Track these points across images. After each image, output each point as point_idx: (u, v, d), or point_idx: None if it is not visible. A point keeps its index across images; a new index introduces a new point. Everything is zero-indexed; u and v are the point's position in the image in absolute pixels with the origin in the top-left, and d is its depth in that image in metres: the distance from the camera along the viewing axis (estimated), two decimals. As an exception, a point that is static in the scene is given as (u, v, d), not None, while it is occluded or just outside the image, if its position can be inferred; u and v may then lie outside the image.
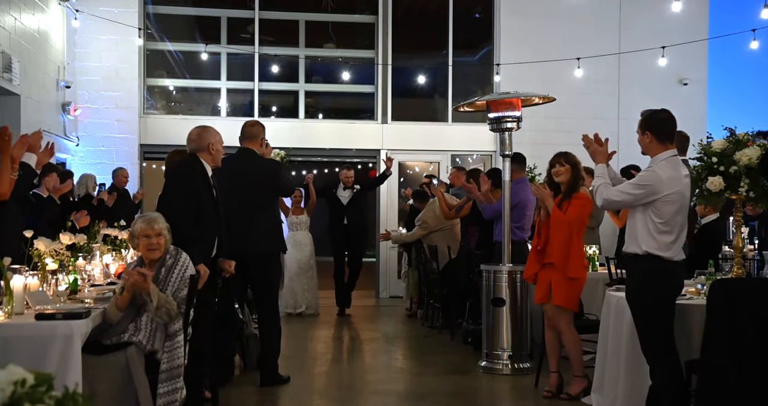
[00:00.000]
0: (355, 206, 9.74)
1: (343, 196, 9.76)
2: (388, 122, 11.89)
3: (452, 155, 12.09)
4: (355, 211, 9.79)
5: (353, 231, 9.74)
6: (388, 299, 11.07)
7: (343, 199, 9.76)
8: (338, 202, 9.79)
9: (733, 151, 4.32)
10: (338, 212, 9.78)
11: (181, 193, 4.65)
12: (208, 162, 4.82)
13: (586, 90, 11.24)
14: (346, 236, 9.74)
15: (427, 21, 12.83)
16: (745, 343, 3.76)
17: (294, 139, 11.85)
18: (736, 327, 3.78)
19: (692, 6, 10.86)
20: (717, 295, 3.87)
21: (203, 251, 4.63)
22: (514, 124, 6.36)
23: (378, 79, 12.01)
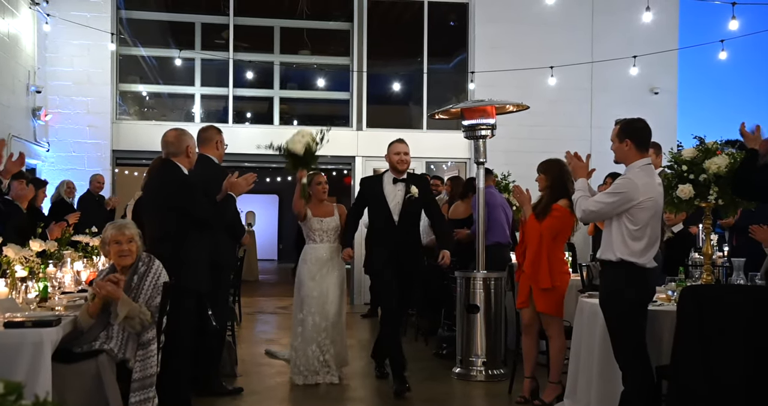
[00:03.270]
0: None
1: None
2: (363, 129, 11.90)
3: (427, 162, 12.12)
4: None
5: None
6: (363, 305, 11.05)
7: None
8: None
9: (703, 160, 4.39)
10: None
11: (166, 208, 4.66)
12: (185, 165, 4.78)
13: (560, 98, 11.35)
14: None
15: (402, 28, 12.88)
16: (714, 348, 3.81)
17: (268, 145, 11.80)
18: (706, 333, 3.83)
19: (662, 16, 11.03)
20: (687, 301, 3.92)
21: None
22: (488, 131, 6.40)
23: (353, 86, 12.03)
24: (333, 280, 6.02)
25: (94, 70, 11.13)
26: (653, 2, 9.23)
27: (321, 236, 6.09)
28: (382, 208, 5.90)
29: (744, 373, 3.79)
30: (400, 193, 5.91)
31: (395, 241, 5.86)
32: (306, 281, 5.99)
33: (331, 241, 6.09)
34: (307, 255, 6.10)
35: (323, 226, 6.08)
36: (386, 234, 5.89)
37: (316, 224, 6.08)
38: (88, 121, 11.10)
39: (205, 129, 5.68)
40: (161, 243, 4.58)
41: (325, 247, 6.07)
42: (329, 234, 6.09)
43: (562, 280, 5.29)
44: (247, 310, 9.98)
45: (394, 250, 5.83)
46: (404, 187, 5.92)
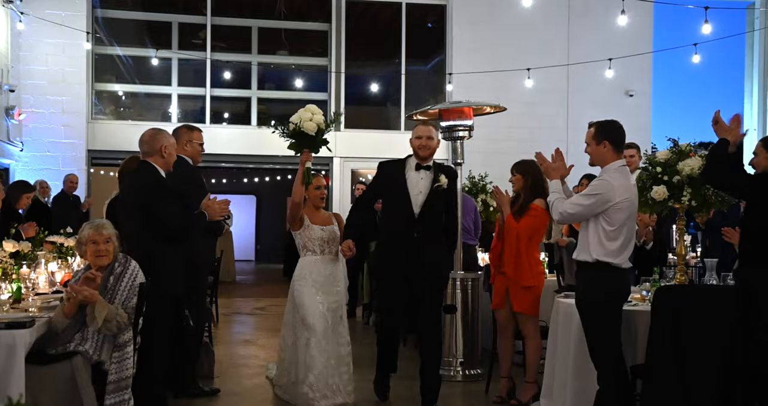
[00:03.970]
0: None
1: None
2: (341, 130, 11.90)
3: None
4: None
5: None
6: (341, 306, 11.03)
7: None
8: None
9: (676, 162, 4.45)
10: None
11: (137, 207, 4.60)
12: (160, 166, 4.73)
13: (536, 100, 11.44)
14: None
15: (380, 29, 12.90)
16: (687, 348, 3.86)
17: (246, 146, 11.77)
18: (679, 332, 3.88)
19: (637, 20, 11.15)
20: (661, 301, 3.98)
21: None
22: (465, 132, 6.43)
23: (331, 86, 12.03)
24: (337, 299, 5.26)
25: (70, 70, 11.02)
26: (628, 6, 9.33)
27: (323, 247, 5.20)
28: (402, 197, 5.03)
29: (717, 372, 3.85)
30: (423, 182, 5.06)
31: (414, 239, 4.98)
32: (305, 301, 5.08)
33: (333, 253, 5.24)
34: (305, 270, 5.17)
35: (324, 235, 5.19)
36: (403, 230, 5.02)
37: (317, 232, 5.17)
38: (63, 121, 10.99)
39: (175, 129, 5.59)
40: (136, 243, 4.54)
41: (328, 260, 5.22)
42: (332, 245, 5.22)
43: (538, 280, 5.33)
44: (224, 311, 9.93)
45: (412, 250, 4.99)
46: (429, 175, 5.08)
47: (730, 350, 3.88)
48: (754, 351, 3.91)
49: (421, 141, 5.11)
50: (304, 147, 5.17)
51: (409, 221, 5.00)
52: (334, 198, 11.81)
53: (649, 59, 11.87)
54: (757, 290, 3.97)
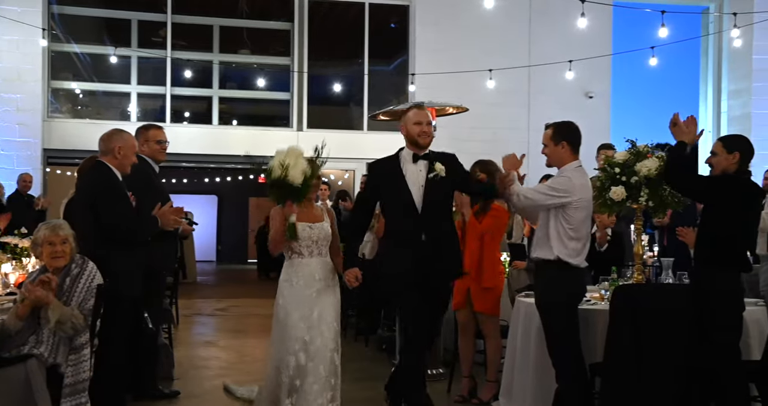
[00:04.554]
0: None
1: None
2: (304, 130, 11.85)
3: (367, 164, 12.14)
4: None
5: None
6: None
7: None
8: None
9: (634, 163, 4.52)
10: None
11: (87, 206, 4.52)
12: (115, 166, 4.65)
13: (499, 101, 11.53)
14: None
15: (343, 29, 12.88)
16: (645, 346, 3.93)
17: (207, 145, 11.65)
18: (637, 331, 3.94)
19: (596, 23, 11.30)
20: (619, 300, 4.04)
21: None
22: (428, 133, 6.43)
23: (293, 86, 11.97)
24: (328, 306, 4.52)
25: (25, 67, 10.79)
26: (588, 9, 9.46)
27: (310, 248, 4.49)
28: (402, 193, 4.48)
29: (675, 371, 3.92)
30: (422, 174, 4.51)
31: (421, 239, 4.44)
32: (290, 308, 4.44)
33: (323, 254, 4.54)
34: (291, 274, 4.49)
35: (313, 234, 4.48)
36: (408, 230, 4.46)
37: (303, 231, 4.44)
38: (17, 119, 10.75)
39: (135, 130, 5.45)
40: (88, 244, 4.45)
41: (317, 262, 4.50)
42: (320, 245, 4.52)
43: (499, 280, 5.38)
44: (184, 312, 9.81)
45: (420, 252, 4.42)
46: (427, 166, 4.53)
47: (687, 350, 3.95)
48: (709, 351, 3.99)
49: (421, 127, 4.55)
50: (286, 198, 4.38)
51: (415, 220, 4.45)
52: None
53: (608, 61, 12.05)
54: (710, 291, 4.05)
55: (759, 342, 4.30)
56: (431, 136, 4.59)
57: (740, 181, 4.19)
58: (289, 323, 4.44)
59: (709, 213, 4.22)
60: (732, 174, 4.17)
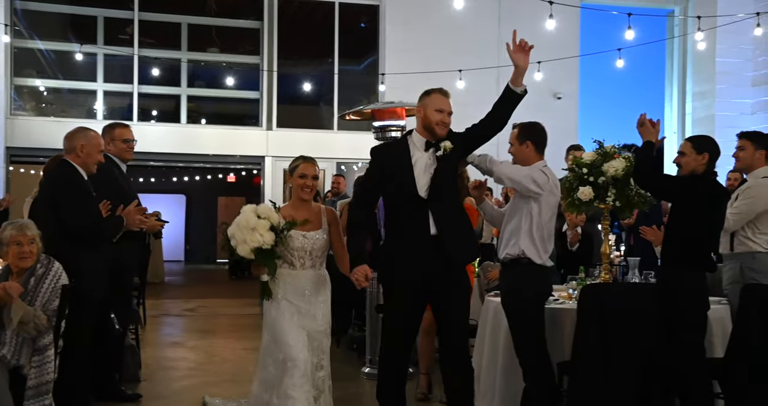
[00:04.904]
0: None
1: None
2: (273, 129, 11.79)
3: (337, 163, 12.13)
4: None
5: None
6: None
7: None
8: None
9: (602, 163, 4.57)
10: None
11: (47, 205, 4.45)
12: (79, 165, 4.58)
13: (468, 101, 11.52)
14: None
15: (313, 28, 12.85)
16: (612, 345, 3.97)
17: (175, 144, 11.54)
18: (604, 330, 3.99)
19: (564, 25, 11.41)
20: (587, 299, 4.08)
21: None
22: (398, 132, 6.46)
23: (263, 85, 11.91)
24: (319, 320, 4.04)
25: (-13, 63, 10.58)
26: (556, 11, 9.56)
27: (302, 259, 3.98)
28: (409, 182, 3.99)
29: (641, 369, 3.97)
30: (433, 163, 4.05)
31: (430, 233, 3.95)
32: (280, 321, 3.95)
33: (317, 266, 4.02)
34: (281, 287, 3.99)
35: (306, 244, 3.96)
36: (416, 223, 3.97)
37: (297, 240, 3.93)
38: (-21, 117, 10.54)
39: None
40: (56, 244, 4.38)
41: (308, 276, 4.00)
42: (314, 256, 4.00)
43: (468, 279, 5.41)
44: (152, 312, 9.71)
45: (432, 251, 3.95)
46: (435, 153, 4.07)
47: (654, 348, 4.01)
48: (677, 349, 4.05)
49: (442, 116, 4.13)
50: (256, 263, 3.89)
51: (424, 212, 3.97)
52: (265, 199, 11.65)
53: (576, 63, 12.18)
54: (677, 289, 4.12)
55: (722, 340, 4.38)
56: (449, 127, 4.15)
57: (708, 181, 4.27)
58: (279, 335, 3.94)
59: (677, 213, 4.29)
60: (700, 174, 4.25)
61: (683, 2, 12.67)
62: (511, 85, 4.16)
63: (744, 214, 4.69)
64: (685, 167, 4.30)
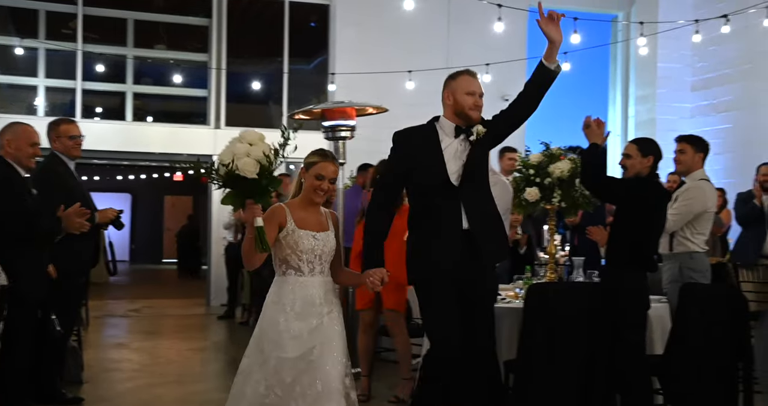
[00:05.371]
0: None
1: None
2: (222, 127, 11.67)
3: (286, 163, 12.06)
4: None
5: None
6: (220, 307, 10.82)
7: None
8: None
9: (548, 165, 4.66)
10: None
11: None
12: (13, 161, 4.46)
13: (418, 102, 11.59)
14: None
15: (262, 27, 12.75)
16: (556, 343, 4.06)
17: (120, 142, 11.32)
18: (550, 328, 4.07)
19: (512, 27, 11.56)
20: (533, 298, 4.16)
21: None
22: (348, 133, 6.46)
23: (211, 83, 11.77)
24: (333, 338, 3.39)
25: None
26: (504, 13, 9.69)
27: (312, 264, 3.41)
28: (440, 171, 3.66)
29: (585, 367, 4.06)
30: (462, 149, 3.73)
31: (462, 227, 3.62)
32: (284, 337, 3.31)
33: (325, 272, 3.46)
34: (285, 295, 3.38)
35: (317, 246, 3.41)
36: (448, 216, 3.63)
37: (307, 241, 3.39)
38: None
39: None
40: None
41: (319, 283, 3.42)
42: (324, 261, 3.44)
43: None
44: (95, 313, 9.51)
45: (464, 248, 3.62)
46: (467, 141, 3.76)
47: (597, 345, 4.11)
48: (618, 347, 4.16)
49: (474, 99, 3.81)
50: (245, 197, 3.28)
51: (455, 204, 3.63)
52: (213, 199, 11.54)
53: (524, 65, 12.35)
54: (620, 289, 4.23)
55: (661, 337, 4.52)
56: (481, 111, 3.82)
57: (653, 184, 4.41)
58: (282, 357, 3.28)
59: (622, 215, 4.39)
60: (645, 177, 4.37)
61: (627, 8, 12.98)
62: (545, 62, 3.76)
63: (683, 215, 4.84)
64: (630, 170, 4.41)
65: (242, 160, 3.21)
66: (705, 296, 4.39)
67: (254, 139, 3.31)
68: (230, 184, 3.27)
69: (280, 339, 3.30)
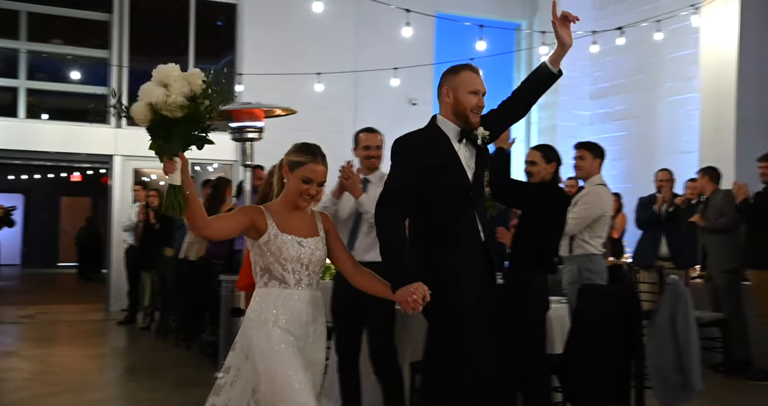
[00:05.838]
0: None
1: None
2: (123, 127, 11.30)
3: (192, 164, 11.79)
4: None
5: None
6: (120, 312, 10.46)
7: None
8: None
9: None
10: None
11: None
12: None
13: (326, 104, 11.62)
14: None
15: (167, 24, 12.43)
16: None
17: (12, 140, 10.79)
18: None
19: (420, 33, 11.74)
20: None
21: None
22: (256, 134, 6.39)
23: (112, 80, 11.37)
24: (320, 355, 3.02)
25: None
26: (413, 19, 9.83)
27: (298, 274, 2.92)
28: (458, 177, 3.32)
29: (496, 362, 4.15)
30: (472, 157, 3.39)
31: (480, 239, 3.34)
32: (275, 357, 2.82)
33: (313, 285, 2.97)
34: (266, 311, 2.89)
35: (303, 253, 2.92)
36: (468, 228, 3.31)
37: (292, 247, 2.90)
38: None
39: None
40: None
41: (306, 297, 2.94)
42: (312, 272, 2.95)
43: None
44: (-17, 321, 9.02)
45: (484, 252, 3.35)
46: (471, 146, 3.40)
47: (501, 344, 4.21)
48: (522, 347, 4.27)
49: (478, 99, 3.40)
50: (174, 146, 2.76)
51: (473, 215, 3.33)
52: (113, 200, 11.17)
53: (431, 70, 12.54)
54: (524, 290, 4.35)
55: (561, 337, 4.67)
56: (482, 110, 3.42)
57: (556, 188, 4.60)
58: (271, 385, 2.81)
59: (528, 219, 4.53)
60: (548, 182, 4.55)
61: (530, 17, 13.40)
62: (550, 65, 3.48)
63: (582, 219, 5.04)
64: (536, 176, 4.57)
65: (170, 98, 2.68)
66: (601, 296, 4.58)
67: (191, 76, 2.75)
68: (154, 129, 2.73)
69: (268, 359, 2.81)
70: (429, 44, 12.61)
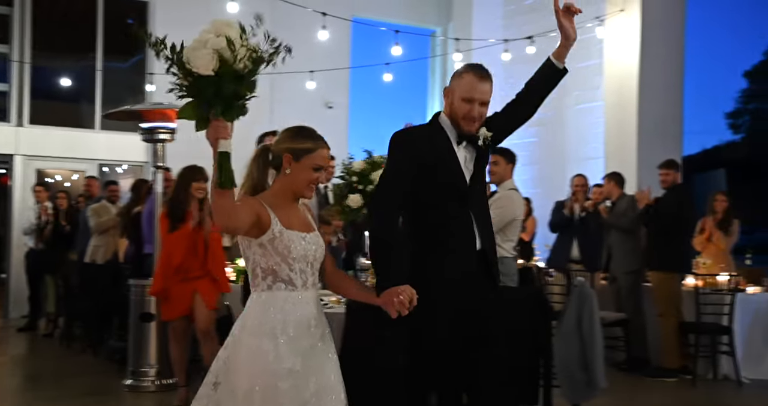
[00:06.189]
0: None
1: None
2: (25, 125, 10.82)
3: (100, 164, 11.41)
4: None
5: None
6: (21, 318, 9.99)
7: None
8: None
9: (371, 172, 4.77)
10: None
11: None
12: None
13: (240, 106, 11.48)
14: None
15: (73, 20, 11.98)
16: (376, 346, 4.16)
17: None
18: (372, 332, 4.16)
19: (337, 36, 11.75)
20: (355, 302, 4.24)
21: None
22: (168, 135, 6.26)
23: (12, 77, 10.87)
24: (330, 369, 2.66)
25: None
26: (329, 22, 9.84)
27: (304, 274, 2.63)
28: (455, 176, 3.18)
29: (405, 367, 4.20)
30: (470, 157, 3.23)
31: (476, 247, 3.18)
32: (278, 370, 2.51)
33: (317, 284, 2.72)
34: (271, 318, 2.56)
35: (309, 250, 2.65)
36: (463, 235, 3.15)
37: (299, 245, 2.61)
38: None
39: None
40: None
41: (313, 297, 2.67)
42: (315, 269, 2.69)
43: None
44: None
45: (480, 257, 3.20)
46: (472, 150, 3.24)
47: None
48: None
49: (470, 108, 3.18)
50: (212, 110, 2.60)
51: (467, 219, 3.17)
52: (14, 201, 10.67)
53: (347, 74, 12.57)
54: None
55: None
56: (482, 120, 3.23)
57: None
58: (279, 391, 2.49)
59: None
60: None
61: (444, 24, 13.62)
62: (555, 60, 3.31)
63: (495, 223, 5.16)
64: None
65: (195, 51, 2.42)
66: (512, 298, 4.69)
67: (221, 29, 2.51)
68: (190, 91, 2.50)
69: (278, 377, 2.49)
70: (345, 48, 12.64)
